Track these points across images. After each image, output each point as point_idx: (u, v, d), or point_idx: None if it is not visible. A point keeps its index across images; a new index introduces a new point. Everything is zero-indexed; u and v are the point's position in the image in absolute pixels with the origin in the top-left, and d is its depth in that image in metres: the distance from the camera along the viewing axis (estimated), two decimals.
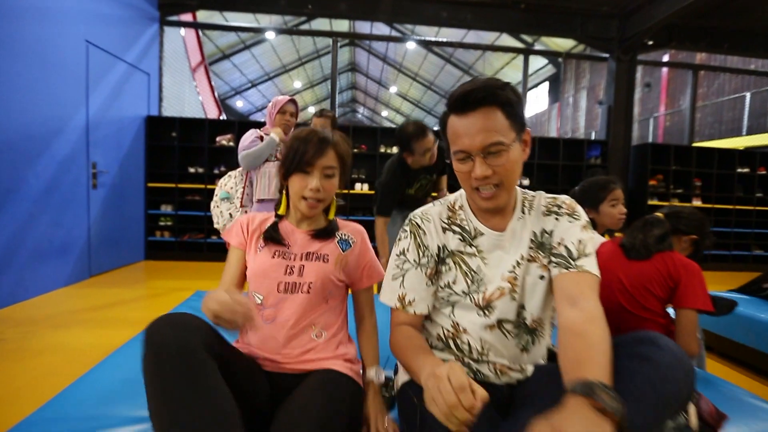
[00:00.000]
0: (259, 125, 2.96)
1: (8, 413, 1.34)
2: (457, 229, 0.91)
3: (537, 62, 13.65)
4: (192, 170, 4.51)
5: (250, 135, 2.11)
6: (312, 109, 20.35)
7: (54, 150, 3.01)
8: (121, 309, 2.70)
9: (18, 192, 2.70)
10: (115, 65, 3.72)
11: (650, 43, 4.76)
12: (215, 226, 2.18)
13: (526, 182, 5.00)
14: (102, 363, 1.14)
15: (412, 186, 2.19)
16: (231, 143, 4.49)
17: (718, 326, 2.20)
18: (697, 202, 5.15)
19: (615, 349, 0.71)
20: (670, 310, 1.35)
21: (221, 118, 6.45)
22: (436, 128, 2.46)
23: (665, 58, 8.82)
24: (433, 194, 2.36)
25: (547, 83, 14.52)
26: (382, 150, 4.83)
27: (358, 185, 4.80)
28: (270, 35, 11.11)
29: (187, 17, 5.15)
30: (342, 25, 10.83)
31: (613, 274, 1.37)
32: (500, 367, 0.88)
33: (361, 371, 1.01)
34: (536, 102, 15.41)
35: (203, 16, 7.29)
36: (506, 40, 10.54)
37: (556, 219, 0.87)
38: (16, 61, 2.64)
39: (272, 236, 1.03)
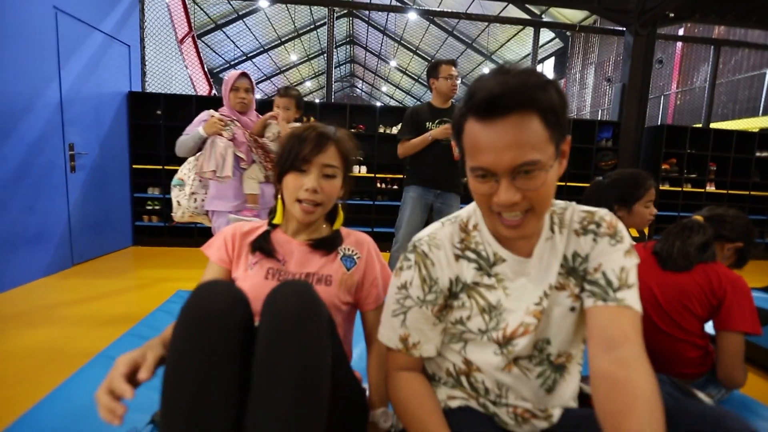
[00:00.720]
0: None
1: None
2: (472, 255, 0.72)
3: (543, 36, 13.08)
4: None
5: (199, 116, 1.97)
6: (309, 84, 19.74)
7: (23, 130, 2.76)
8: (105, 303, 2.52)
9: None
10: (89, 35, 3.40)
11: (672, 15, 4.41)
12: (172, 214, 2.07)
13: None
14: (81, 371, 0.96)
15: (434, 122, 2.35)
16: None
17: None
18: (710, 188, 4.93)
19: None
20: (708, 327, 1.16)
21: (212, 94, 6.11)
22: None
23: (680, 33, 8.38)
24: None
25: (553, 58, 13.97)
26: (381, 130, 4.55)
27: (356, 167, 4.55)
28: (264, 3, 10.56)
29: None
30: None
31: (644, 285, 1.18)
32: (521, 412, 0.72)
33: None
34: None
35: None
36: (512, 12, 10.01)
37: (594, 240, 0.70)
38: None
39: (262, 247, 0.88)
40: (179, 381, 0.59)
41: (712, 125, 6.06)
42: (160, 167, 4.17)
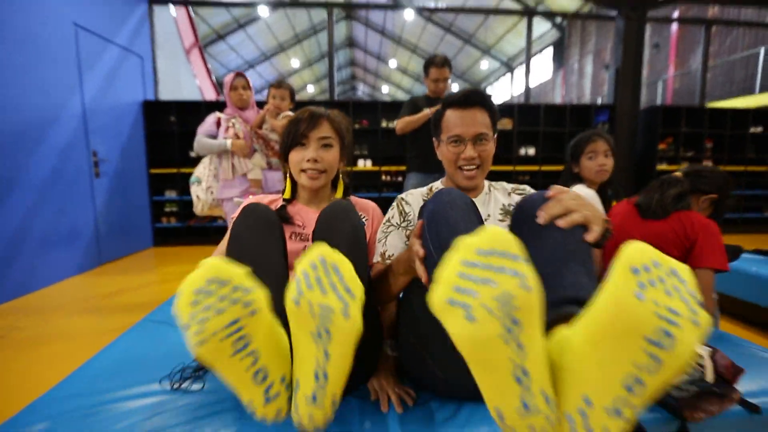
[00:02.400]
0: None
1: (25, 397, 1.37)
2: None
3: (540, 27, 13.15)
4: (193, 154, 4.47)
5: (209, 118, 2.23)
6: (311, 88, 20.00)
7: (52, 139, 2.98)
8: (132, 294, 2.73)
9: (19, 182, 2.69)
10: (106, 48, 3.63)
11: None
12: (194, 209, 2.29)
13: (531, 151, 4.90)
14: (113, 343, 1.15)
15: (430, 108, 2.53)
16: None
17: (734, 288, 2.16)
18: (708, 165, 5.02)
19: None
20: None
21: (219, 98, 6.34)
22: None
23: (675, 15, 8.44)
24: None
25: (551, 49, 14.05)
26: (384, 125, 4.73)
27: (361, 161, 4.74)
28: (263, 12, 10.81)
29: None
30: None
31: (628, 234, 1.33)
32: None
33: None
34: (540, 70, 14.96)
35: None
36: (508, 5, 10.14)
37: (519, 195, 1.09)
38: (4, 50, 2.58)
39: (282, 216, 1.04)
40: (241, 248, 0.80)
41: (710, 105, 6.14)
42: (176, 170, 4.39)
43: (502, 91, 16.42)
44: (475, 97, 1.02)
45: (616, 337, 0.47)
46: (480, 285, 0.49)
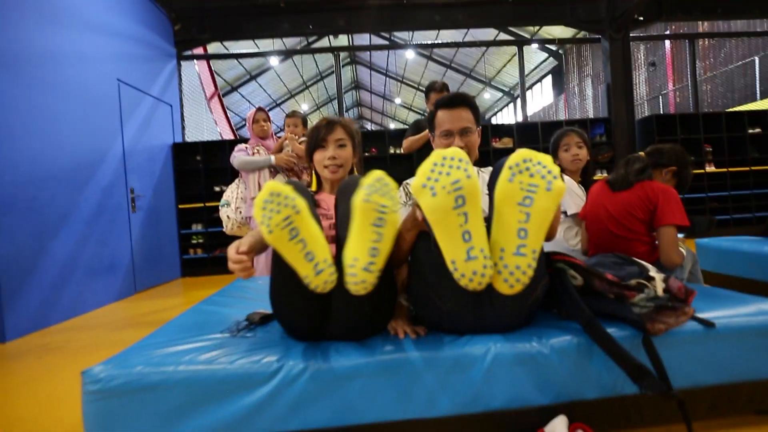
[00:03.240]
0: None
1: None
2: None
3: (537, 57, 13.79)
4: (217, 189, 4.85)
5: (239, 146, 2.55)
6: None
7: (98, 178, 3.37)
8: (166, 313, 2.98)
9: (71, 216, 3.04)
10: (143, 99, 4.12)
11: (641, 18, 4.88)
12: (224, 230, 2.55)
13: None
14: (175, 318, 1.37)
15: None
16: None
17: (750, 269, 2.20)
18: (710, 168, 5.14)
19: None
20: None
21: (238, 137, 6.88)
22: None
23: (666, 32, 8.84)
24: None
25: (550, 76, 14.61)
26: (392, 151, 5.06)
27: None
28: (274, 61, 11.69)
29: (198, 51, 5.61)
30: (342, 41, 11.33)
31: (601, 206, 1.54)
32: None
33: None
34: (542, 96, 15.48)
35: (212, 49, 7.82)
36: (504, 38, 10.75)
37: None
38: (61, 100, 3.01)
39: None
40: None
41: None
42: (202, 204, 4.75)
43: (507, 117, 16.94)
44: (459, 99, 1.31)
45: (503, 208, 0.85)
46: (441, 175, 0.83)
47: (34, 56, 2.80)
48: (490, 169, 1.37)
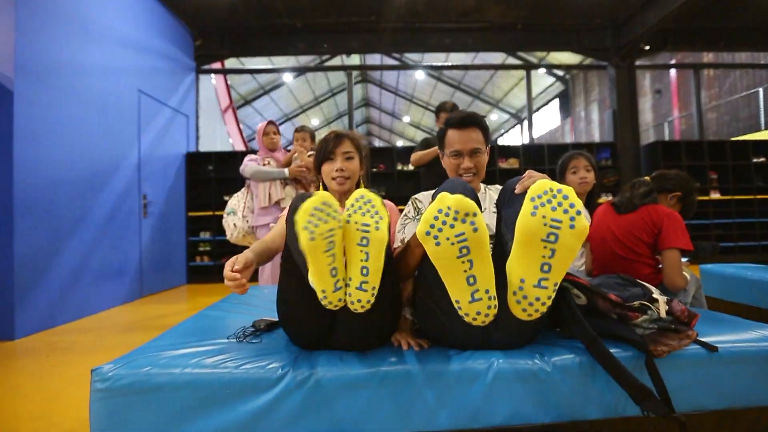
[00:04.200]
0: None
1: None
2: None
3: (545, 81, 14.00)
4: (227, 198, 4.92)
5: (250, 157, 2.61)
6: None
7: (113, 184, 3.46)
8: (171, 318, 3.01)
9: (85, 220, 3.11)
10: (161, 110, 4.25)
11: (647, 48, 5.00)
12: (227, 237, 2.57)
13: None
14: (182, 322, 1.41)
15: None
16: None
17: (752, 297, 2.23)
18: (715, 195, 5.16)
19: None
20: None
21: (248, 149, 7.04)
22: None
23: (673, 62, 8.98)
24: None
25: (557, 100, 14.79)
26: (399, 167, 5.13)
27: None
28: (287, 77, 11.97)
29: (216, 65, 5.79)
30: (354, 60, 11.60)
31: (606, 228, 1.57)
32: None
33: None
34: (548, 119, 15.65)
35: (229, 64, 8.05)
36: (512, 63, 10.95)
37: None
38: (83, 110, 3.13)
39: None
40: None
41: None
42: (211, 213, 4.83)
43: (513, 139, 17.10)
44: (470, 120, 1.32)
45: (527, 242, 0.82)
46: (445, 226, 0.82)
47: (64, 67, 2.93)
48: (498, 187, 1.41)
